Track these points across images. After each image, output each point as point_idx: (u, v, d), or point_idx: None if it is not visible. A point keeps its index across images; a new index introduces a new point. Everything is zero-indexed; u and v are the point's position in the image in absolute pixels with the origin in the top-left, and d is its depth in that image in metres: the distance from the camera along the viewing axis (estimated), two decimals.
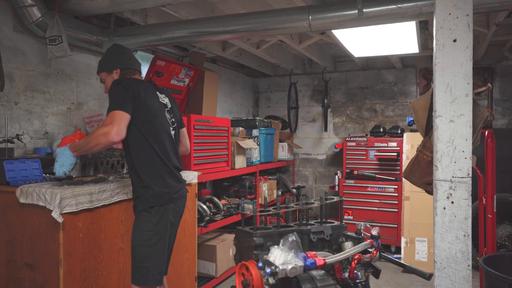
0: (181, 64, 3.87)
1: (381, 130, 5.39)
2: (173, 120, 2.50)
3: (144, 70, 4.16)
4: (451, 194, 1.86)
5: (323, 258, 1.66)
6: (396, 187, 5.02)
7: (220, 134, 4.02)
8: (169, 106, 2.50)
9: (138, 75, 2.53)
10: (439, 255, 1.88)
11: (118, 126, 2.11)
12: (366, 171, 5.25)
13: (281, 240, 1.67)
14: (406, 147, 4.67)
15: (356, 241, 1.93)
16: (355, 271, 1.79)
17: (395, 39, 3.98)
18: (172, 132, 2.45)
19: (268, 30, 3.05)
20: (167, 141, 2.37)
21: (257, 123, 5.03)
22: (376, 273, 1.91)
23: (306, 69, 6.28)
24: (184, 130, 2.70)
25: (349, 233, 2.00)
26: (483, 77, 5.20)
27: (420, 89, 5.51)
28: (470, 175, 1.85)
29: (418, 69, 5.59)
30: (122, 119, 2.14)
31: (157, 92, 2.46)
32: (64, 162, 2.21)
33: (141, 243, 2.23)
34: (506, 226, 4.34)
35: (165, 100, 2.50)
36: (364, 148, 5.32)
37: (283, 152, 5.81)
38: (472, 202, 1.89)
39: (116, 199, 2.51)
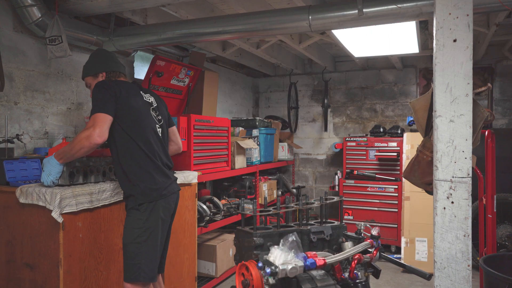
0: (181, 64, 3.87)
1: (381, 130, 5.39)
2: (160, 118, 2.52)
3: (144, 70, 4.18)
4: (451, 194, 1.86)
5: (323, 258, 1.66)
6: (396, 187, 5.02)
7: (220, 134, 4.02)
8: (154, 105, 2.52)
9: (123, 77, 2.55)
10: (439, 255, 1.88)
11: (100, 128, 2.14)
12: (366, 171, 5.25)
13: (281, 240, 1.68)
14: (406, 147, 4.67)
15: (356, 241, 1.93)
16: (355, 271, 1.79)
17: (395, 39, 3.98)
18: (159, 130, 2.48)
19: (268, 30, 3.05)
20: (154, 139, 2.39)
21: (257, 123, 5.03)
22: (376, 273, 1.91)
23: (306, 69, 6.28)
24: (174, 129, 2.73)
25: (349, 233, 2.00)
26: (483, 77, 5.20)
27: (420, 89, 5.51)
28: (470, 175, 1.85)
29: (418, 69, 5.59)
30: (104, 121, 2.17)
31: (141, 92, 2.48)
32: (51, 171, 2.23)
33: (132, 240, 2.25)
34: (506, 226, 4.34)
35: (150, 99, 2.52)
36: (364, 148, 5.32)
37: (283, 152, 5.81)
38: (472, 202, 1.89)
39: (116, 199, 2.51)
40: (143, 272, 2.23)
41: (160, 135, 2.48)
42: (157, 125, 2.47)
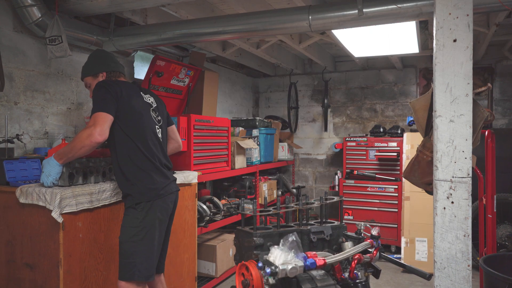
0: (181, 64, 3.87)
1: (381, 130, 5.39)
2: (159, 118, 2.54)
3: (144, 70, 4.18)
4: (451, 194, 1.86)
5: (323, 258, 1.66)
6: (396, 187, 5.02)
7: (220, 134, 4.02)
8: (154, 105, 2.53)
9: (123, 77, 2.56)
10: (439, 255, 1.88)
11: (101, 127, 2.15)
12: (366, 171, 5.25)
13: (281, 240, 1.68)
14: (406, 147, 4.67)
15: (356, 241, 1.93)
16: (355, 271, 1.79)
17: (395, 39, 3.98)
18: (158, 131, 2.49)
19: (268, 30, 3.05)
20: (152, 140, 2.40)
21: (257, 123, 5.03)
22: (376, 273, 1.91)
23: (306, 69, 6.28)
24: (173, 127, 2.74)
25: (349, 233, 2.00)
26: (483, 77, 5.20)
27: (420, 89, 5.51)
28: (470, 175, 1.85)
29: (418, 69, 5.59)
30: (105, 120, 2.18)
31: (141, 92, 2.49)
32: (51, 171, 2.23)
33: (128, 239, 2.25)
34: (506, 226, 4.34)
35: (150, 99, 2.53)
36: (364, 148, 5.32)
37: (283, 152, 5.81)
38: (472, 202, 1.89)
39: (116, 199, 2.51)
40: (138, 271, 2.24)
41: (159, 135, 2.48)
42: (156, 126, 2.48)
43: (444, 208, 1.87)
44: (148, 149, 2.34)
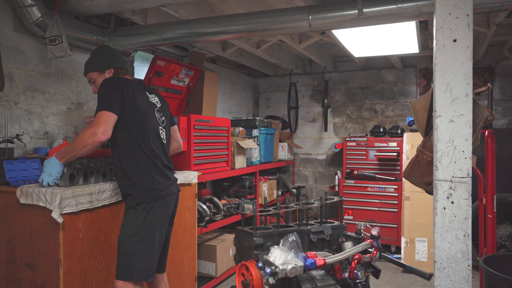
0: (181, 64, 3.87)
1: (381, 130, 5.39)
2: (163, 119, 2.52)
3: (144, 70, 4.18)
4: (451, 194, 1.86)
5: (323, 258, 1.66)
6: (396, 187, 5.02)
7: (220, 134, 4.02)
8: (158, 106, 2.52)
9: (128, 75, 2.54)
10: (439, 255, 1.88)
11: (105, 126, 2.14)
12: (366, 171, 5.25)
13: (281, 240, 1.68)
14: (406, 147, 4.67)
15: (356, 241, 1.93)
16: (355, 271, 1.79)
17: (395, 39, 3.98)
18: (161, 131, 2.47)
19: (268, 30, 3.05)
20: (155, 140, 2.39)
21: (257, 123, 5.03)
22: (376, 273, 1.91)
23: (306, 69, 6.28)
24: (175, 127, 2.75)
25: (349, 233, 2.00)
26: (483, 77, 5.20)
27: (420, 89, 5.51)
28: (470, 175, 1.85)
29: (418, 69, 5.59)
30: (109, 119, 2.17)
31: (146, 92, 2.48)
32: (52, 171, 2.22)
33: (127, 238, 2.25)
34: (506, 226, 4.34)
35: (154, 99, 2.51)
36: (364, 148, 5.32)
37: (283, 152, 5.81)
38: (472, 202, 1.89)
39: (116, 199, 2.51)
40: (137, 271, 2.23)
41: (162, 136, 2.47)
42: (160, 127, 2.46)
43: (444, 208, 1.87)
44: (150, 149, 2.34)
